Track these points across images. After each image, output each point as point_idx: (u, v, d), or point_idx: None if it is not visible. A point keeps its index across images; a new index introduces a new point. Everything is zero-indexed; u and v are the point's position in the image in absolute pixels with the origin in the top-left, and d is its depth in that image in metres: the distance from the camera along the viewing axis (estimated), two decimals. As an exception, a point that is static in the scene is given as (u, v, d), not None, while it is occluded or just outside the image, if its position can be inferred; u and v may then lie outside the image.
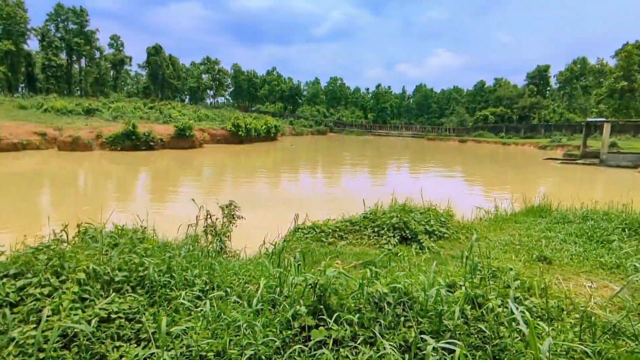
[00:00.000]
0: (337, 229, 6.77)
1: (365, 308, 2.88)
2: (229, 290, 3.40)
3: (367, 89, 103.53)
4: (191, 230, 5.60)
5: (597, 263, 4.79)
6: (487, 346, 2.62)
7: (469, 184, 22.32)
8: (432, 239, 6.25)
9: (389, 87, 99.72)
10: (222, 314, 2.88)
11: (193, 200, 5.79)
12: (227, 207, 6.42)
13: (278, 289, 3.20)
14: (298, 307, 2.71)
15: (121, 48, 74.74)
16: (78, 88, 70.71)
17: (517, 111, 67.83)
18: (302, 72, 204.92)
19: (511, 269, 3.98)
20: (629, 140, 40.16)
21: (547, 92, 72.04)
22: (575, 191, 13.87)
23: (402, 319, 2.86)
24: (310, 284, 2.93)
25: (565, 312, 3.29)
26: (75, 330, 2.44)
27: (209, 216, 5.96)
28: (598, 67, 62.81)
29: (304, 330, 2.66)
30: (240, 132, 41.01)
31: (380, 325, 2.73)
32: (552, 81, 72.30)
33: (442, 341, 2.22)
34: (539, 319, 3.12)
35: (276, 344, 2.50)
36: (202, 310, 2.92)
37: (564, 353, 2.51)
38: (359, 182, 21.80)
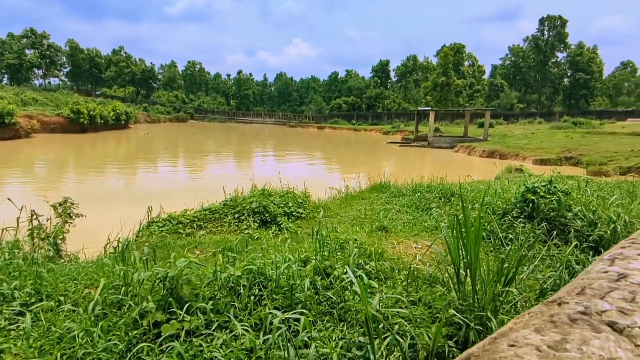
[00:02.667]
0: (196, 219, 6.51)
1: (221, 294, 2.87)
2: (62, 298, 2.96)
3: (229, 75, 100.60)
4: (9, 236, 4.61)
5: (422, 227, 5.76)
6: (334, 310, 2.91)
7: (327, 166, 24.09)
8: (290, 220, 6.56)
9: (251, 74, 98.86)
10: (52, 327, 2.50)
11: (9, 199, 4.76)
12: (60, 205, 5.49)
13: (123, 288, 2.92)
14: (145, 303, 2.53)
15: None
16: None
17: (365, 100, 75.71)
18: (157, 54, 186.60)
19: (355, 240, 4.49)
20: (448, 126, 49.24)
21: (389, 84, 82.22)
22: (410, 168, 16.41)
23: (258, 298, 2.96)
24: (160, 278, 2.76)
25: (396, 271, 3.88)
26: None
27: (34, 217, 5.00)
28: (425, 64, 74.69)
29: (156, 326, 2.50)
30: (82, 119, 35.17)
31: (235, 308, 2.76)
32: (392, 74, 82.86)
33: (289, 313, 2.37)
34: (375, 279, 3.61)
35: (119, 347, 2.28)
36: (24, 327, 2.47)
37: (394, 304, 2.97)
38: (223, 170, 21.26)
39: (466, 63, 67.38)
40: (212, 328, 2.51)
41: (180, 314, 2.48)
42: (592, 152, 19.23)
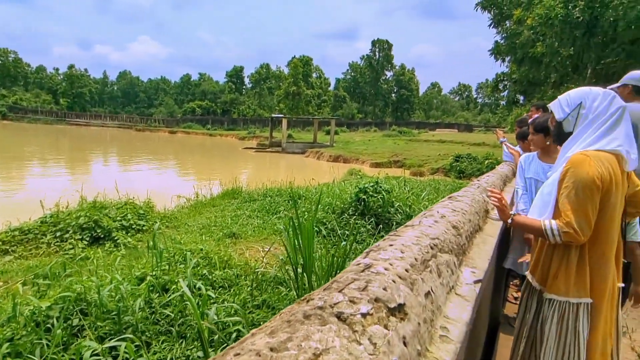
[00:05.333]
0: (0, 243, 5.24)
1: (23, 333, 2.35)
2: None
3: (57, 69, 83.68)
4: None
5: (272, 230, 5.91)
6: (173, 328, 2.72)
7: (180, 173, 22.51)
8: (129, 234, 5.88)
9: (86, 70, 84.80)
10: None
11: None
12: None
13: None
14: None
15: None
16: None
17: (220, 105, 73.84)
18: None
19: (201, 250, 4.31)
20: (300, 132, 52.05)
21: (244, 90, 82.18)
22: (265, 173, 16.69)
23: (78, 329, 2.55)
24: None
25: (243, 277, 3.87)
26: None
27: None
28: (277, 72, 77.44)
29: None
30: None
31: (46, 346, 2.31)
32: (247, 81, 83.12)
33: (111, 341, 2.11)
34: (221, 288, 3.53)
35: None
36: None
37: (237, 311, 2.94)
38: (51, 182, 17.58)
39: (314, 75, 72.60)
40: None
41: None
42: (412, 156, 23.15)
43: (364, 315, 0.54)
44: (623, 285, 1.80)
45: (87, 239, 5.50)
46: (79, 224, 5.57)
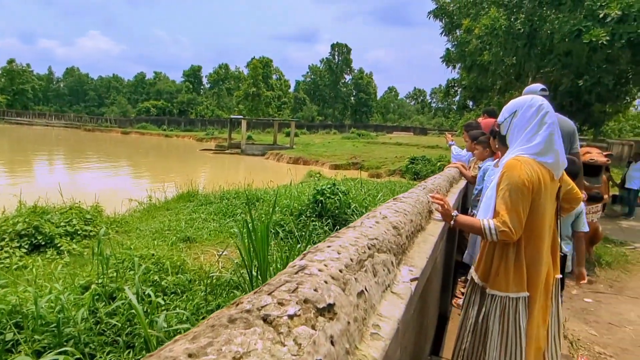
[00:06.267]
0: None
1: (-54, 351, 2.15)
2: None
3: None
4: None
5: (228, 233, 5.80)
6: (120, 338, 2.60)
7: (133, 176, 21.48)
8: (75, 240, 5.53)
9: (29, 65, 78.52)
10: None
11: None
12: None
13: None
14: None
15: None
16: None
17: (177, 105, 71.41)
18: None
19: (153, 255, 4.15)
20: (260, 134, 51.51)
21: (202, 90, 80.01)
22: (225, 175, 16.36)
23: (12, 344, 2.37)
24: None
25: (197, 282, 3.77)
26: None
27: None
28: (237, 73, 76.17)
29: None
30: None
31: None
32: (205, 81, 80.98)
33: (44, 358, 1.98)
34: (173, 294, 3.42)
35: None
36: None
37: (189, 317, 2.87)
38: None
39: (274, 76, 72.18)
40: None
41: None
42: (371, 158, 23.64)
43: (291, 316, 0.55)
44: (561, 276, 1.93)
45: (26, 246, 5.11)
46: (16, 230, 5.17)
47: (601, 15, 7.62)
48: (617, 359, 3.27)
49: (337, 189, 5.85)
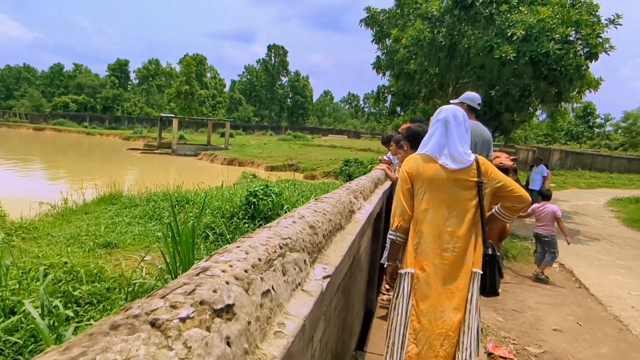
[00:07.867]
0: None
1: None
2: None
3: None
4: None
5: (154, 238, 5.49)
6: (22, 357, 2.34)
7: (48, 178, 19.28)
8: (-33, 251, 4.84)
9: None
10: None
11: None
12: None
13: None
14: None
15: None
16: None
17: (100, 101, 65.73)
18: None
19: (65, 263, 3.78)
20: (193, 134, 49.39)
21: (129, 85, 74.49)
22: (154, 177, 15.38)
23: None
24: None
25: (117, 290, 3.52)
26: None
27: None
28: (168, 70, 72.16)
29: None
30: None
31: None
32: (132, 76, 75.48)
33: None
34: (88, 304, 3.16)
35: None
36: None
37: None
38: None
39: (208, 75, 69.66)
40: None
41: None
42: (306, 160, 23.85)
43: (182, 319, 0.55)
44: (481, 272, 1.93)
45: None
46: None
47: (509, 34, 8.53)
48: (518, 342, 3.67)
49: (270, 190, 5.82)
